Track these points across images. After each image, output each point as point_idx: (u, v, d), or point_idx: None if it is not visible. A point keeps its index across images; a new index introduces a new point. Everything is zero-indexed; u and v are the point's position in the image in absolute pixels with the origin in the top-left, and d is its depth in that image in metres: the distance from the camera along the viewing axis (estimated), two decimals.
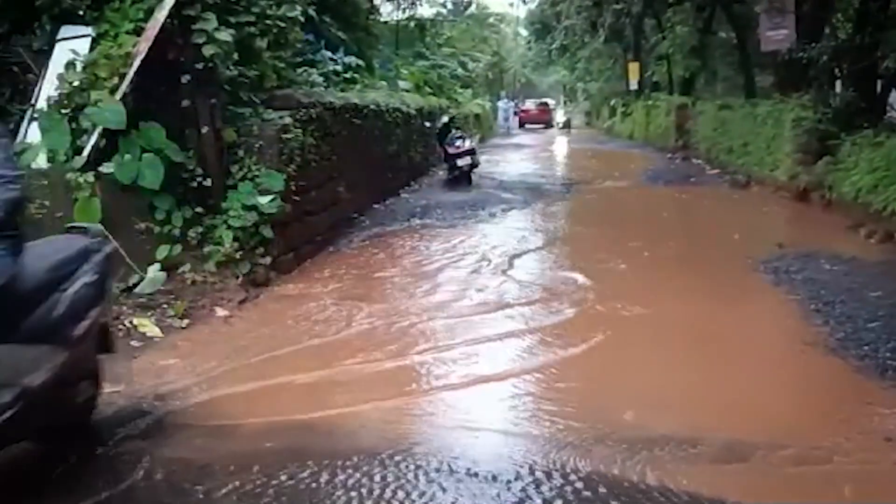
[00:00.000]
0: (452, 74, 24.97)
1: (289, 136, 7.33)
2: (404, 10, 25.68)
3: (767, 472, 3.32)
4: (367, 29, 15.78)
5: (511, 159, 21.13)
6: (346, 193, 9.50)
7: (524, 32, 49.17)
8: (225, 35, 6.62)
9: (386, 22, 24.28)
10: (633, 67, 29.59)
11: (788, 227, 9.69)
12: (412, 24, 25.50)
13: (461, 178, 14.41)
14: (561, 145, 26.32)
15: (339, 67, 10.98)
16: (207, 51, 6.49)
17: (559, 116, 42.50)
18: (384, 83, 14.49)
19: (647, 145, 23.29)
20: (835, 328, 5.16)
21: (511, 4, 48.34)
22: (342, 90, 10.45)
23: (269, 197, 6.76)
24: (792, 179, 10.96)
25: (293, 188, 7.35)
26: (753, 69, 17.87)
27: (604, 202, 12.42)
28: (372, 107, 10.91)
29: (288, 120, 7.38)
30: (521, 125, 41.49)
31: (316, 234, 8.33)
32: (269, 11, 7.88)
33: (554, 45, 35.61)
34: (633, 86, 29.69)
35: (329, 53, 11.05)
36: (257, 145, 7.04)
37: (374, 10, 20.99)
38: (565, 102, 51.93)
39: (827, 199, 10.02)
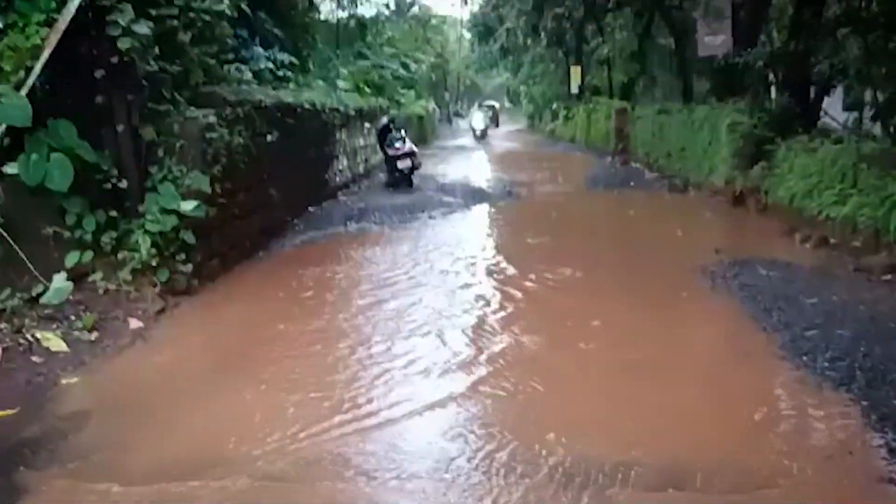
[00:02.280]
0: (394, 75, 24.67)
1: (213, 135, 6.96)
2: (344, 8, 25.29)
3: (706, 500, 3.14)
4: (304, 26, 15.37)
5: (454, 161, 20.93)
6: (279, 196, 9.14)
7: (468, 35, 49.08)
8: (143, 28, 6.24)
9: (326, 20, 23.84)
10: (575, 71, 29.71)
11: (725, 232, 9.70)
12: (352, 22, 25.11)
13: (402, 181, 14.14)
14: (502, 148, 26.21)
15: (271, 65, 10.59)
16: (123, 44, 6.10)
17: (476, 122, 31.88)
18: (321, 82, 14.12)
19: (589, 149, 23.38)
20: (772, 337, 5.08)
21: (452, 5, 48.40)
22: (275, 88, 10.07)
23: (193, 203, 6.38)
24: (728, 184, 11.02)
25: (218, 190, 6.98)
26: (691, 74, 18.08)
27: (543, 206, 12.30)
28: (307, 106, 10.57)
29: (212, 118, 7.01)
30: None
31: (244, 239, 7.97)
32: (193, 4, 7.49)
33: (495, 47, 35.55)
34: (575, 90, 29.81)
35: (262, 50, 10.66)
36: (179, 145, 6.66)
37: (313, 7, 20.57)
38: (479, 105, 40.36)
39: (763, 204, 10.08)
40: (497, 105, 54.03)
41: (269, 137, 8.57)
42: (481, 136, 30.69)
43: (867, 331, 5.01)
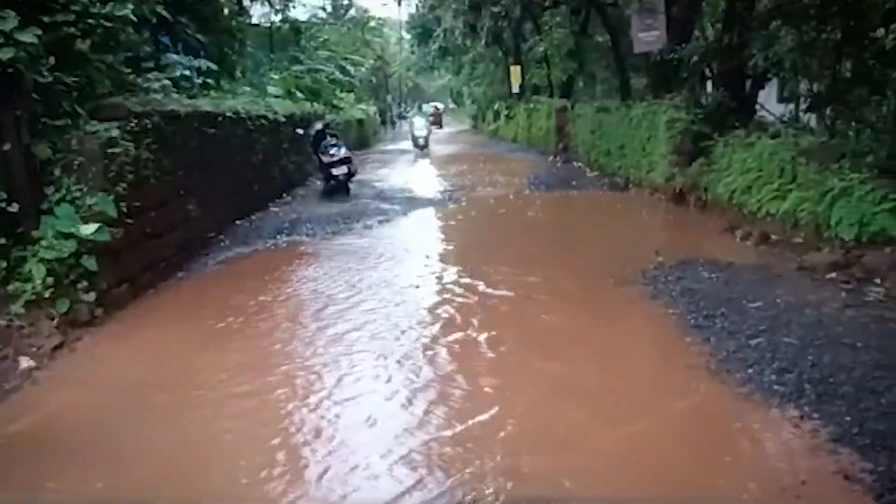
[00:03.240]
0: (331, 79, 24.08)
1: (116, 150, 6.40)
2: (278, 11, 24.62)
3: None
4: (230, 31, 14.75)
5: (396, 166, 20.52)
6: (200, 210, 8.59)
7: (408, 36, 48.66)
8: (28, 36, 5.67)
9: (258, 24, 23.16)
10: (515, 71, 29.55)
11: (666, 231, 9.50)
12: (286, 26, 24.47)
13: (338, 188, 13.68)
14: (444, 150, 25.81)
15: (187, 72, 9.98)
16: (5, 54, 5.53)
17: (417, 128, 26.07)
18: (247, 89, 13.53)
19: (531, 148, 23.19)
20: (716, 347, 4.79)
21: (384, 4, 48.12)
22: (192, 97, 9.49)
23: (94, 226, 5.84)
24: (668, 181, 10.84)
25: (125, 209, 6.43)
26: (628, 71, 17.98)
27: (483, 210, 11.94)
28: (229, 114, 9.99)
29: (115, 132, 6.45)
30: None
31: (160, 260, 7.41)
32: (92, 10, 6.90)
33: (433, 47, 35.18)
34: (516, 89, 29.67)
35: (177, 57, 10.05)
36: (78, 162, 6.11)
37: (243, 11, 19.96)
38: (419, 106, 35.39)
39: (703, 201, 9.93)
40: (441, 106, 53.78)
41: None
42: (424, 146, 25.53)
43: (815, 336, 4.77)
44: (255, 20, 24.06)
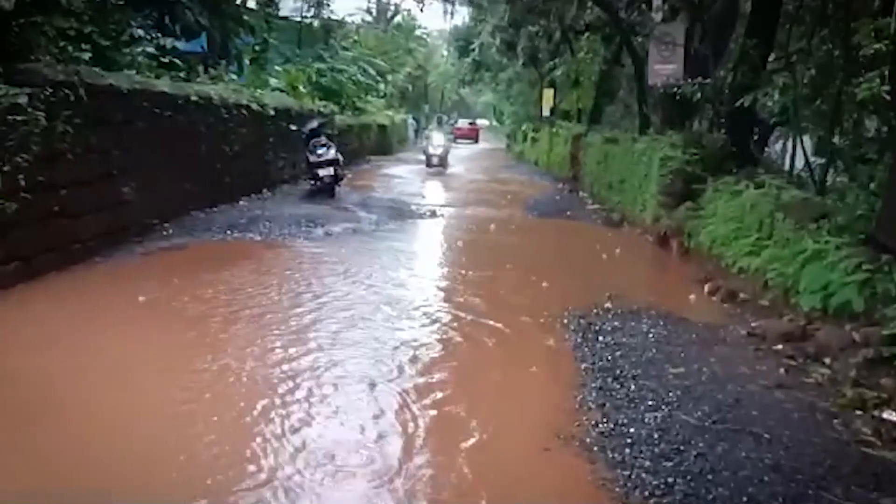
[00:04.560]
0: (355, 80, 23.70)
1: (20, 117, 5.95)
2: (310, 7, 24.41)
3: None
4: (237, 18, 14.40)
5: (403, 175, 19.98)
6: (139, 195, 8.12)
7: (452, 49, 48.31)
8: None
9: (286, 18, 22.97)
10: (547, 94, 28.88)
11: (635, 274, 8.78)
12: (317, 23, 24.26)
13: (323, 190, 13.22)
14: (459, 167, 25.03)
15: (151, 49, 9.53)
16: None
17: (433, 145, 22.36)
18: (234, 77, 13.13)
19: (548, 173, 22.51)
20: (607, 415, 4.12)
21: (446, 12, 47.76)
22: (156, 77, 9.03)
23: None
24: (655, 222, 10.13)
25: (23, 182, 5.98)
26: (649, 104, 17.22)
27: (464, 231, 11.35)
28: (195, 99, 9.53)
29: (23, 99, 6.01)
30: (455, 139, 40.55)
31: (73, 242, 6.94)
32: None
33: (468, 59, 34.72)
34: (547, 112, 29.00)
35: (142, 32, 9.60)
36: None
37: (271, 3, 19.88)
38: (439, 121, 32.32)
39: (685, 247, 9.19)
40: (485, 122, 53.27)
41: None
42: (438, 164, 21.70)
43: (722, 418, 4.07)
44: (288, 14, 23.98)
